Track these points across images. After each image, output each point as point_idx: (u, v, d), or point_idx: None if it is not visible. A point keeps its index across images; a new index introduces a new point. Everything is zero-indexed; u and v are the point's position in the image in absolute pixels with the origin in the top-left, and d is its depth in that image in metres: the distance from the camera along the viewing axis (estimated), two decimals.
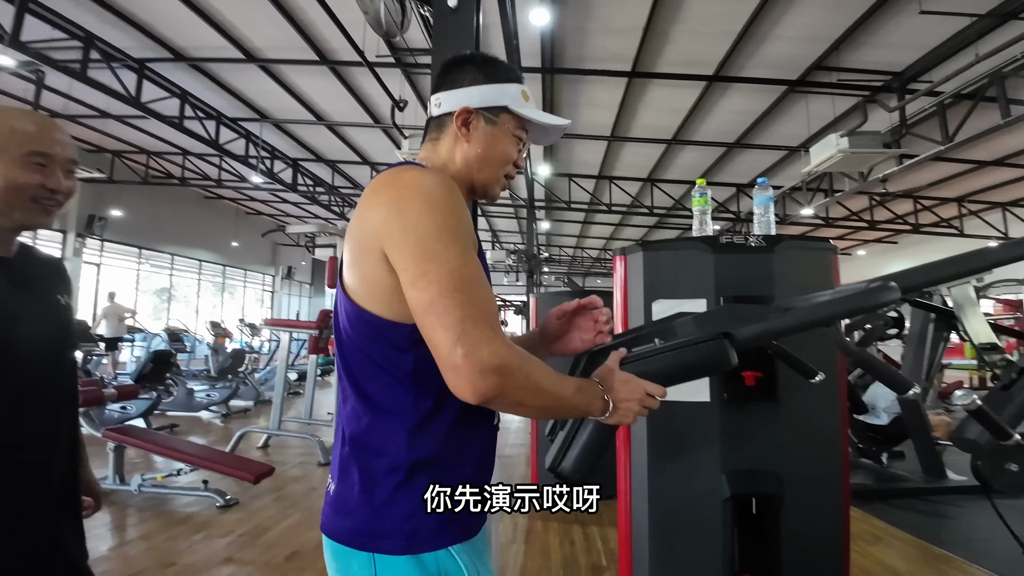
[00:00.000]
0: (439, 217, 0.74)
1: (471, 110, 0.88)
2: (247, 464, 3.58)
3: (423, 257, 0.71)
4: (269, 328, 8.66)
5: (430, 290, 0.70)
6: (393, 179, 0.78)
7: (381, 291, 0.76)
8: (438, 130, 0.91)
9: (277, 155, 10.21)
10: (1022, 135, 7.42)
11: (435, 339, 0.70)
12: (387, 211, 0.75)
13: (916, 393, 1.16)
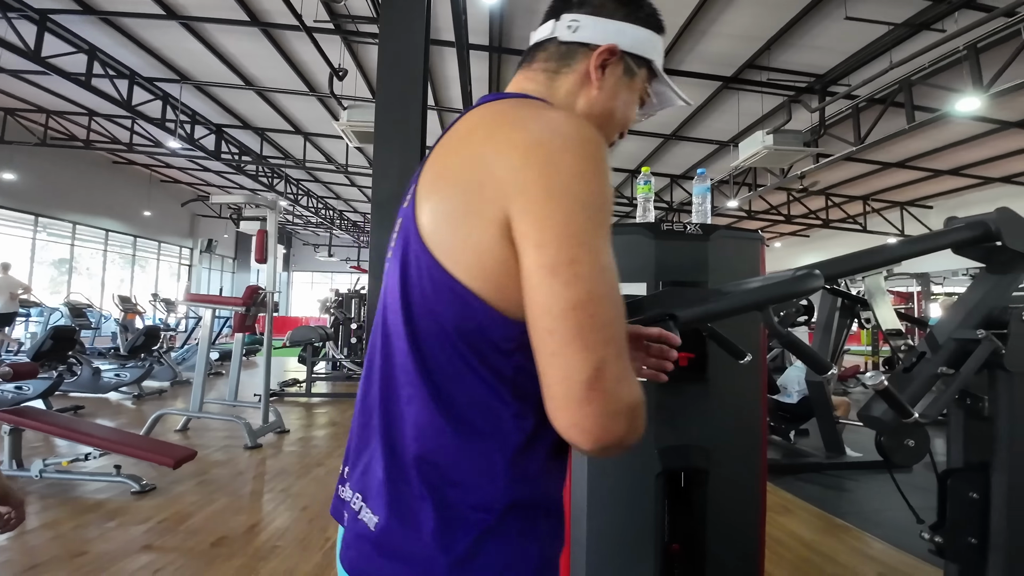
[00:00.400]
0: (596, 187, 0.53)
1: (617, 51, 0.70)
2: (165, 448, 3.37)
3: (572, 238, 0.51)
4: (189, 304, 8.11)
5: (577, 287, 0.50)
6: (534, 116, 0.58)
7: (492, 267, 0.54)
8: (560, 60, 0.71)
9: (199, 120, 9.47)
10: (923, 140, 8.20)
11: (562, 357, 0.49)
12: (526, 159, 0.53)
13: (833, 374, 1.27)
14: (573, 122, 0.56)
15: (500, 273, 0.54)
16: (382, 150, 2.09)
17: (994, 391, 1.24)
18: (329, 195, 16.15)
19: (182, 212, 16.91)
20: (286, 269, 23.20)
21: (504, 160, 0.54)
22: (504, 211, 0.53)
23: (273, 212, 4.91)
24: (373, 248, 1.99)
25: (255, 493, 3.41)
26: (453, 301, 0.56)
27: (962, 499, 1.29)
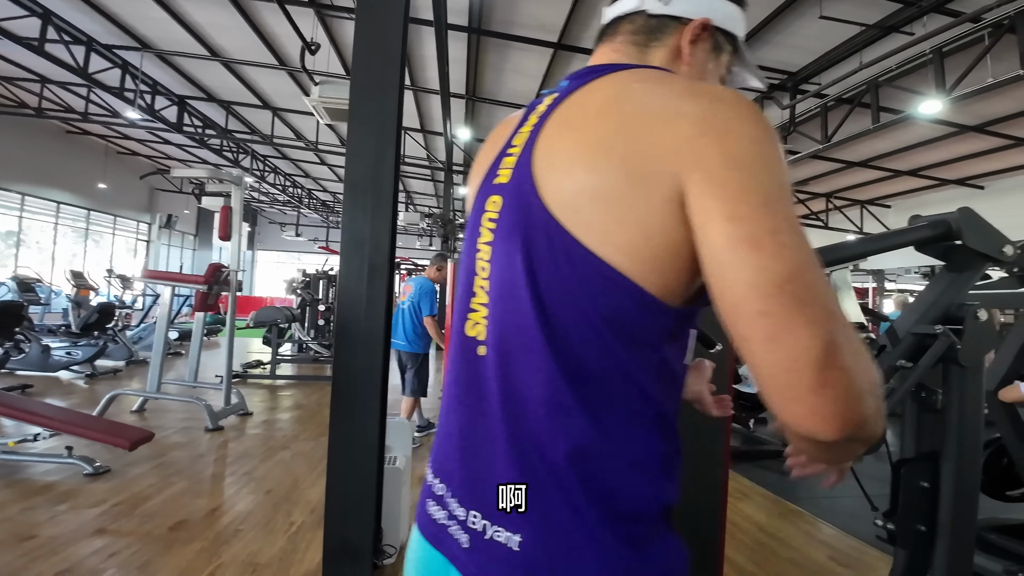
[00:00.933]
0: (777, 153, 0.48)
1: (709, 26, 0.65)
2: (120, 429, 3.25)
3: (767, 207, 0.45)
4: (146, 281, 7.80)
5: (786, 259, 0.43)
6: (690, 86, 0.53)
7: (657, 247, 0.49)
8: (649, 34, 0.65)
9: (160, 90, 9.02)
10: (885, 141, 8.48)
11: (784, 340, 0.42)
12: (701, 128, 0.48)
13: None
14: (729, 91, 0.51)
15: (666, 254, 0.49)
16: (357, 129, 2.03)
17: (947, 384, 1.29)
18: (297, 173, 15.69)
19: (140, 186, 16.18)
20: (251, 248, 22.54)
21: (673, 131, 0.48)
22: (678, 185, 0.47)
23: (238, 188, 4.75)
24: (345, 229, 1.93)
25: (216, 476, 3.33)
26: (604, 288, 0.50)
27: (913, 488, 1.35)
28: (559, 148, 0.55)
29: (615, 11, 0.69)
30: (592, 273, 0.50)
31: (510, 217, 0.57)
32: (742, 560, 2.50)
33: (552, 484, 0.50)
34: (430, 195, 16.42)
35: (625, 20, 0.67)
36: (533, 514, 0.50)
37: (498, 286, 0.57)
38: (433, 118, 9.53)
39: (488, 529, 0.52)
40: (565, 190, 0.52)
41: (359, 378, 1.97)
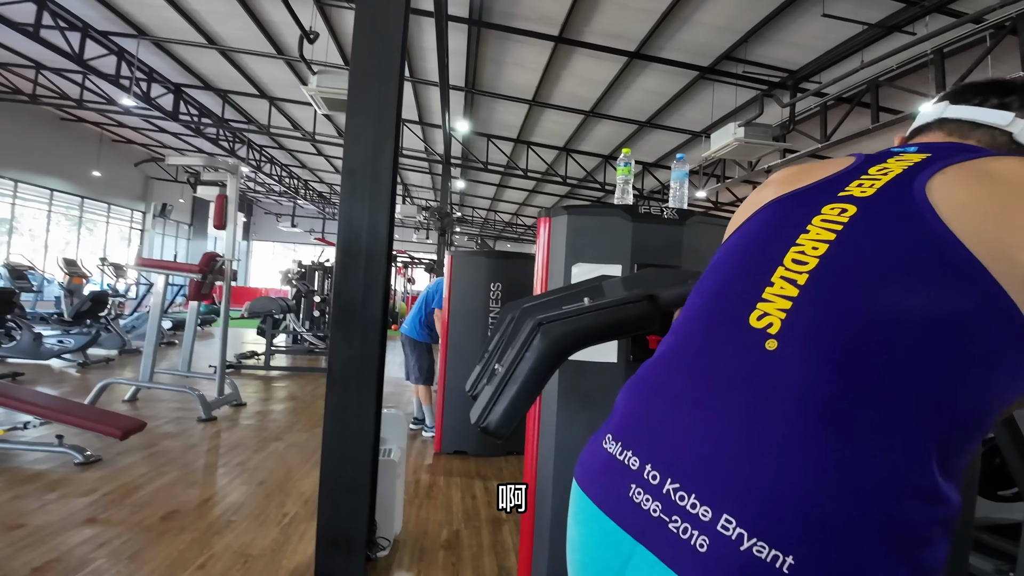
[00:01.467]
0: None
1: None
2: (112, 418, 3.22)
3: None
4: (140, 269, 7.74)
5: None
6: None
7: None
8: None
9: (156, 78, 8.92)
10: (883, 141, 8.45)
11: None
12: None
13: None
14: None
15: None
16: (356, 116, 2.00)
17: None
18: (294, 163, 15.59)
19: (135, 174, 16.06)
20: (246, 238, 22.42)
21: None
22: None
23: (234, 177, 4.70)
24: (343, 217, 1.91)
25: (208, 466, 3.31)
26: (988, 313, 0.49)
27: None
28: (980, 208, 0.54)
29: (971, 115, 0.69)
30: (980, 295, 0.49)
31: (875, 226, 0.56)
32: None
33: (854, 519, 0.46)
34: (427, 188, 16.35)
35: (981, 129, 0.68)
36: (818, 539, 0.46)
37: (841, 287, 0.54)
38: (432, 110, 9.47)
39: (746, 539, 0.47)
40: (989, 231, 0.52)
41: (355, 368, 1.95)
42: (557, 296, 1.14)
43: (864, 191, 0.60)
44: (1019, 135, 0.66)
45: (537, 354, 0.86)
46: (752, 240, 0.65)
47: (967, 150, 0.63)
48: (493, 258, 4.03)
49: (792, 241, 0.59)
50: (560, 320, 0.88)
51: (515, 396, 0.86)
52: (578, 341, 0.90)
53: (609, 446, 0.61)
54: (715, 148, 6.57)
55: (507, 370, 0.88)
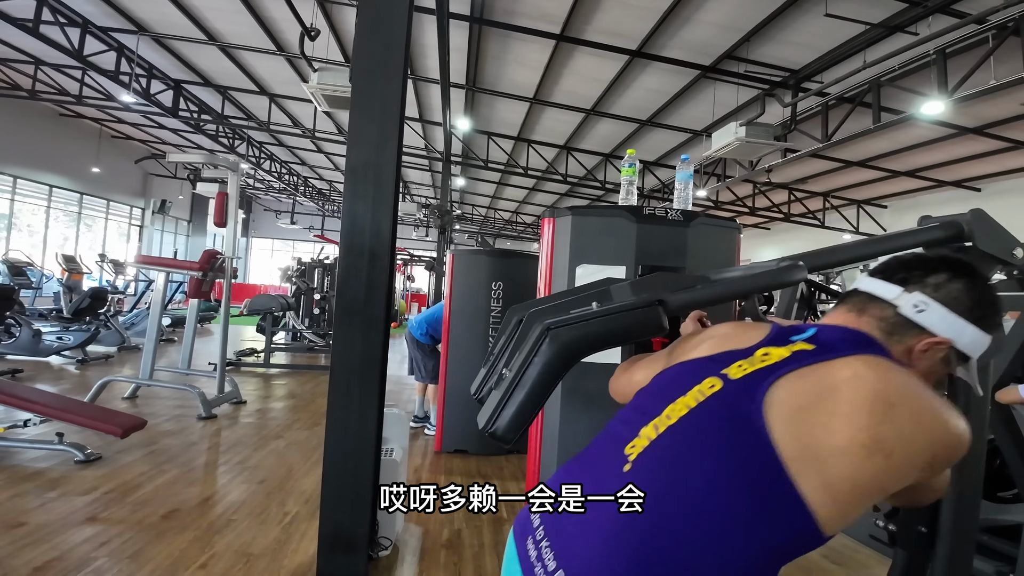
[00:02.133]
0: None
1: (948, 345, 0.73)
2: (112, 416, 3.22)
3: None
4: (140, 266, 7.72)
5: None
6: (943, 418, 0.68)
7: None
8: (892, 328, 0.75)
9: (156, 74, 8.90)
10: (884, 141, 8.48)
11: None
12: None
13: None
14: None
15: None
16: (358, 118, 1.99)
17: (953, 386, 1.28)
18: (294, 160, 15.55)
19: (134, 170, 16.02)
20: (245, 235, 22.38)
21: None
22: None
23: (235, 174, 4.68)
24: (346, 216, 1.90)
25: (209, 465, 3.31)
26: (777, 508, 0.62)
27: None
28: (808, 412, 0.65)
29: (871, 287, 0.80)
30: (778, 494, 0.61)
31: (719, 409, 0.70)
32: None
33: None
34: (427, 185, 16.33)
35: (876, 302, 0.78)
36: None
37: (677, 445, 0.69)
38: (432, 108, 9.45)
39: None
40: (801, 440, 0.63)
41: (357, 368, 1.95)
42: (564, 300, 1.13)
43: (736, 373, 0.73)
44: (903, 308, 0.76)
45: (546, 359, 0.85)
46: (659, 388, 0.82)
47: (839, 345, 0.72)
48: (495, 257, 4.02)
49: (674, 399, 0.74)
50: (569, 325, 0.88)
51: (523, 401, 0.86)
52: (587, 347, 0.90)
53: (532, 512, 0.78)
54: (716, 147, 6.56)
55: (515, 375, 0.87)
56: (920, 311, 0.74)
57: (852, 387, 0.64)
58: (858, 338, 0.73)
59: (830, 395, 0.64)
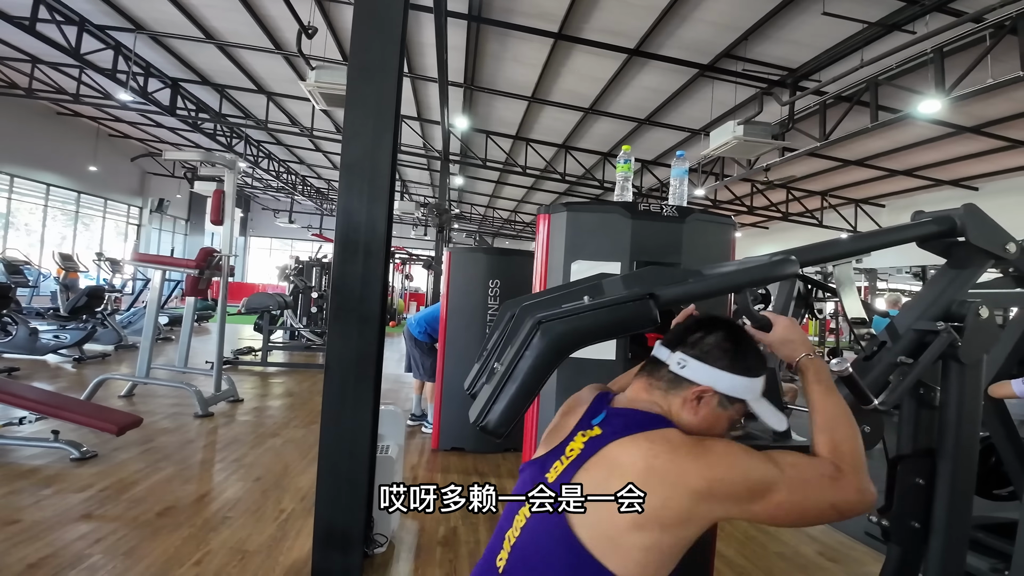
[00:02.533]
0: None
1: (712, 392, 0.87)
2: (108, 414, 3.22)
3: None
4: (137, 264, 7.71)
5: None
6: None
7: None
8: (670, 384, 0.90)
9: (153, 73, 8.88)
10: (882, 140, 8.48)
11: None
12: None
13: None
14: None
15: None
16: (354, 114, 1.99)
17: (947, 381, 1.28)
18: (292, 159, 15.54)
19: (131, 169, 15.98)
20: (243, 234, 22.35)
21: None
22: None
23: (232, 172, 4.67)
24: (340, 213, 1.90)
25: (205, 462, 3.30)
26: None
27: (909, 485, 1.33)
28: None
29: (656, 353, 0.94)
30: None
31: (540, 523, 0.81)
32: (732, 554, 2.51)
33: None
34: (425, 184, 16.32)
35: (660, 365, 0.92)
36: None
37: (521, 561, 0.82)
38: (430, 106, 9.44)
39: None
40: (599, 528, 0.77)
41: (353, 364, 1.94)
42: (557, 294, 1.13)
43: (552, 476, 0.85)
44: (672, 367, 0.90)
45: (536, 353, 0.85)
46: (515, 492, 0.91)
47: (619, 428, 0.85)
48: (492, 255, 4.02)
49: (518, 509, 0.86)
50: (560, 319, 0.87)
51: (514, 395, 0.85)
52: (578, 340, 0.89)
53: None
54: (714, 146, 6.56)
55: (506, 369, 0.87)
56: (682, 367, 0.88)
57: (622, 472, 0.77)
58: (635, 418, 0.86)
59: (609, 481, 0.77)
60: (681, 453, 0.79)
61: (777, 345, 0.98)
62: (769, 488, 0.76)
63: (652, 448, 0.80)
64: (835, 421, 0.87)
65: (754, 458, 0.79)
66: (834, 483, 0.78)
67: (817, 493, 0.78)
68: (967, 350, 1.21)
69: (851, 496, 0.78)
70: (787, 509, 0.77)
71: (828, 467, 0.80)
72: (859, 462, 0.82)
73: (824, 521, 0.79)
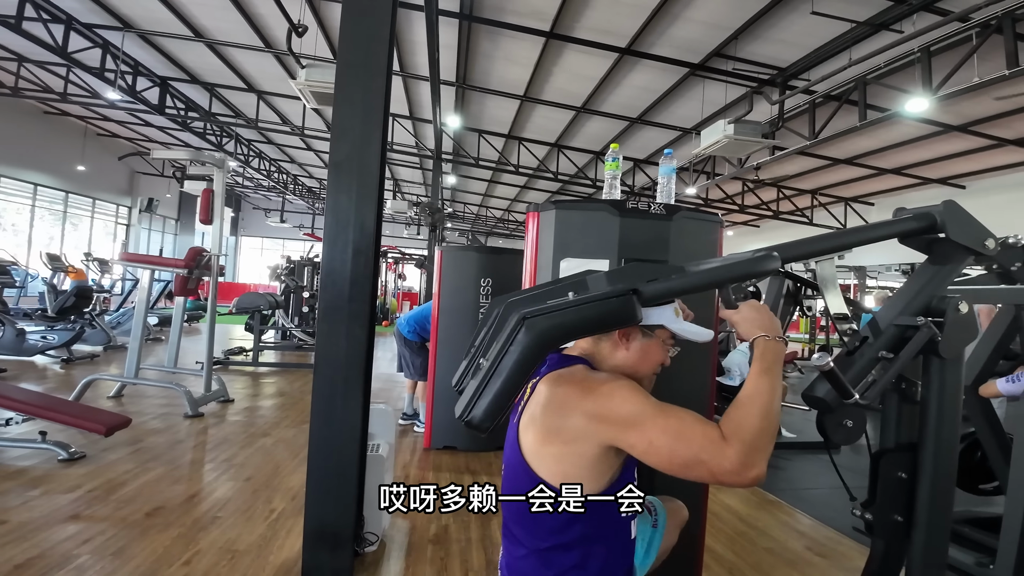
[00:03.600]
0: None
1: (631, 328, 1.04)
2: (96, 414, 3.19)
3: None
4: (125, 264, 7.64)
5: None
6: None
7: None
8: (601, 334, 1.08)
9: (142, 71, 8.79)
10: (871, 139, 8.56)
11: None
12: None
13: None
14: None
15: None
16: (342, 112, 1.98)
17: (927, 376, 1.30)
18: (283, 158, 15.45)
19: (120, 168, 15.82)
20: (234, 234, 22.21)
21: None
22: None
23: (221, 171, 4.64)
24: (330, 210, 1.89)
25: (195, 463, 3.29)
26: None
27: (891, 478, 1.35)
28: (527, 422, 1.05)
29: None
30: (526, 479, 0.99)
31: (511, 446, 1.09)
32: (721, 549, 2.53)
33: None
34: (418, 183, 16.29)
35: None
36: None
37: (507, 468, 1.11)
38: (422, 105, 9.42)
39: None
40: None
41: (342, 363, 1.94)
42: (543, 291, 1.14)
43: (518, 417, 1.10)
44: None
45: (521, 348, 0.86)
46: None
47: (542, 368, 1.09)
48: (483, 254, 4.02)
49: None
50: (544, 314, 0.88)
51: (499, 390, 0.86)
52: (562, 335, 0.90)
53: None
54: (705, 145, 6.59)
55: (491, 364, 0.88)
56: None
57: (538, 401, 1.02)
58: (555, 360, 1.08)
59: (533, 409, 1.02)
60: (579, 385, 0.98)
61: (738, 321, 1.04)
62: (641, 423, 0.89)
63: (558, 381, 1.01)
64: (752, 400, 0.90)
65: (639, 397, 0.92)
66: (713, 445, 0.84)
67: (688, 445, 0.85)
68: (947, 344, 1.22)
69: (726, 464, 0.82)
70: (658, 448, 0.87)
71: (715, 432, 0.86)
72: (752, 440, 0.84)
73: (695, 475, 0.85)
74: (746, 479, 0.83)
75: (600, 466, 0.95)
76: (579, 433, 0.94)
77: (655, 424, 0.88)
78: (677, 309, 1.09)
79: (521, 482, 0.99)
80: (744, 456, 0.83)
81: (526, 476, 0.98)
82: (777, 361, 0.96)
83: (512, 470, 1.05)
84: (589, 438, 0.93)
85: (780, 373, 0.96)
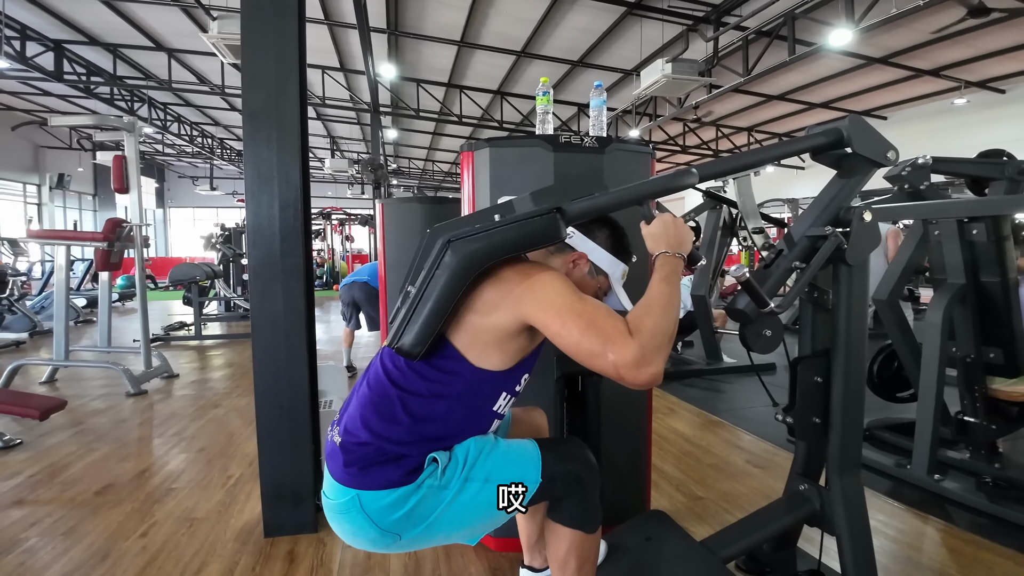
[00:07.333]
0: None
1: (585, 258, 1.14)
2: (28, 399, 3.03)
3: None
4: (36, 241, 7.06)
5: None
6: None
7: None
8: (558, 249, 1.15)
9: (30, 35, 7.85)
10: (800, 74, 8.80)
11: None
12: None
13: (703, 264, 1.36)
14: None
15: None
16: (252, 57, 1.85)
17: (837, 283, 1.39)
18: (205, 121, 14.40)
19: (19, 142, 14.34)
20: (160, 205, 20.81)
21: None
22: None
23: (132, 135, 4.29)
24: (249, 164, 1.80)
25: (143, 439, 3.19)
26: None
27: (808, 383, 1.46)
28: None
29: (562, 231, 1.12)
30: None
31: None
32: (669, 468, 2.71)
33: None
34: (358, 140, 15.61)
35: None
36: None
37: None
38: (353, 56, 8.92)
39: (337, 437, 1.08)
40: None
41: (282, 320, 1.90)
42: (472, 218, 1.14)
43: None
44: (563, 236, 1.09)
45: (448, 271, 0.87)
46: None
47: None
48: (426, 204, 3.93)
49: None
50: (468, 237, 0.89)
51: (428, 315, 0.87)
52: (487, 256, 0.91)
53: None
54: (645, 85, 6.60)
55: (418, 289, 0.89)
56: (570, 237, 1.09)
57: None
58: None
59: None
60: (516, 268, 1.02)
61: (647, 235, 1.09)
62: (560, 306, 0.93)
63: (499, 268, 1.02)
64: (654, 302, 0.96)
65: (567, 288, 0.97)
66: (619, 337, 0.88)
67: (598, 334, 0.89)
68: (853, 252, 1.31)
69: (627, 356, 0.86)
70: (570, 330, 0.90)
71: (622, 326, 0.90)
72: (654, 338, 0.89)
73: (598, 365, 0.89)
74: (643, 375, 0.86)
75: (511, 344, 1.00)
76: (501, 303, 0.97)
77: (572, 309, 0.92)
78: (624, 275, 1.16)
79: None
80: (643, 351, 0.86)
81: (446, 350, 1.02)
82: (675, 272, 1.02)
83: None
84: (510, 309, 0.96)
85: (678, 283, 1.01)
